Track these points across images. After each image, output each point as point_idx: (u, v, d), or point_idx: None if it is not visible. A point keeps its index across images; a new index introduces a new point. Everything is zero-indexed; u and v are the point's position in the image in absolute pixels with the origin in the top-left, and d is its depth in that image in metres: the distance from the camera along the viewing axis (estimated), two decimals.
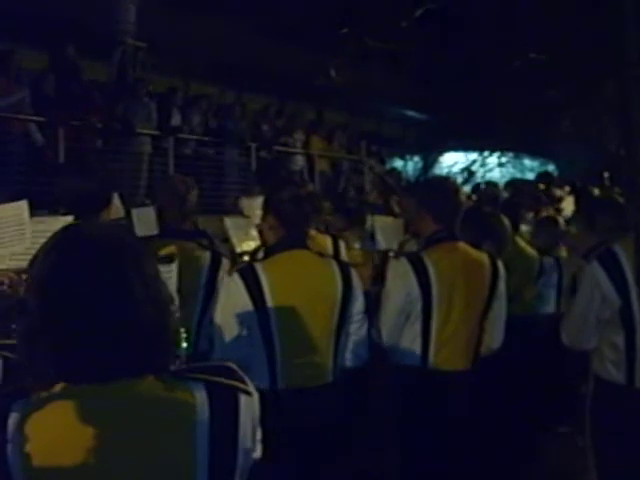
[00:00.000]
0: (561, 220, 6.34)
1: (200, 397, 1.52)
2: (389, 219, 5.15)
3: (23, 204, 3.20)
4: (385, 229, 4.98)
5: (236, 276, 3.32)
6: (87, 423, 1.45)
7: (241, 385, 1.59)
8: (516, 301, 4.52)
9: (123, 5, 10.79)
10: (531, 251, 5.47)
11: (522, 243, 5.48)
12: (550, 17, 10.97)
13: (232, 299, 3.30)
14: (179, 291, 2.88)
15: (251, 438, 1.60)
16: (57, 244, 1.53)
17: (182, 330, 2.64)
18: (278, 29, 12.01)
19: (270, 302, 3.26)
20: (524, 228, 5.77)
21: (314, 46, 12.42)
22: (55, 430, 1.44)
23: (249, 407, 1.59)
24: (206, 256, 3.90)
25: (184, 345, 2.59)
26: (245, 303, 3.26)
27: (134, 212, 4.01)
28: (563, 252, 5.91)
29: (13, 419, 1.43)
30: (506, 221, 4.74)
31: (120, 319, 1.48)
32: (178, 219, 4.03)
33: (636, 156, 2.71)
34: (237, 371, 1.62)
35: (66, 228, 1.61)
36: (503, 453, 4.49)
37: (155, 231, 3.92)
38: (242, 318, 3.27)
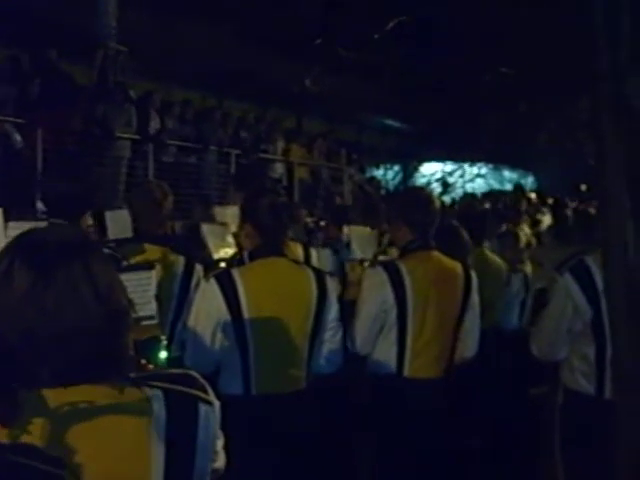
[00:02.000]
0: (522, 235, 6.40)
1: (157, 405, 1.50)
2: (365, 229, 5.18)
3: None
4: (361, 239, 5.01)
5: (212, 281, 3.35)
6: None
7: (201, 394, 1.57)
8: (488, 312, 4.55)
9: (104, 9, 10.76)
10: (499, 262, 5.50)
11: (490, 254, 5.51)
12: (520, 31, 11.11)
13: (208, 304, 3.34)
14: (157, 297, 2.90)
15: (211, 448, 1.59)
16: (9, 249, 1.51)
17: (162, 337, 2.65)
18: (258, 36, 12.03)
19: (245, 308, 3.29)
20: (486, 244, 5.79)
21: (292, 55, 12.47)
22: None
23: (209, 417, 1.57)
24: (180, 261, 3.92)
25: (163, 355, 2.60)
26: (221, 308, 3.29)
27: (107, 215, 4.00)
28: (527, 267, 5.94)
29: None
30: (465, 235, 4.78)
31: (67, 325, 1.45)
32: (153, 224, 4.04)
33: (606, 171, 2.74)
34: (198, 379, 1.60)
35: (24, 232, 1.58)
36: (474, 461, 4.53)
37: (129, 234, 3.92)
38: (217, 323, 3.30)
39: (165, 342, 2.65)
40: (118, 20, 10.72)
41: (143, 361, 2.40)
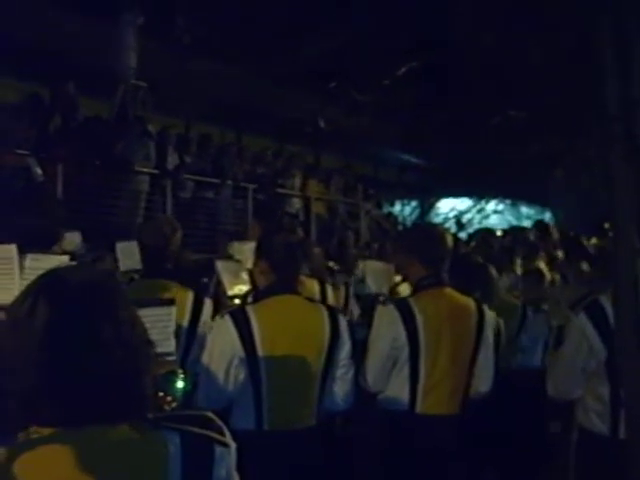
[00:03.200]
0: (547, 273, 6.32)
1: (174, 447, 1.51)
2: (379, 263, 5.21)
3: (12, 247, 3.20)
4: (375, 273, 5.03)
5: (227, 318, 3.39)
6: (62, 467, 1.44)
7: (217, 436, 1.58)
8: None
9: (125, 44, 10.93)
10: (515, 301, 5.44)
11: (503, 293, 5.46)
12: (533, 74, 11.19)
13: (222, 340, 3.36)
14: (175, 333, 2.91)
15: None
16: (32, 288, 1.54)
17: (179, 371, 2.65)
18: (275, 73, 12.18)
19: (259, 345, 3.32)
20: (505, 279, 5.74)
21: (307, 93, 12.60)
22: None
23: (224, 458, 1.58)
24: (189, 296, 3.91)
25: (180, 385, 2.61)
26: (235, 345, 3.32)
27: (118, 246, 4.05)
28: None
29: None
30: (494, 272, 4.77)
31: (87, 366, 1.48)
32: (162, 259, 4.06)
33: (616, 209, 2.75)
34: (215, 421, 1.61)
35: (47, 272, 1.61)
36: None
37: (138, 266, 3.96)
38: (231, 359, 3.32)
39: (182, 375, 2.66)
40: (138, 56, 10.89)
41: (160, 394, 2.41)
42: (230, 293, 4.78)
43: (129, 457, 1.49)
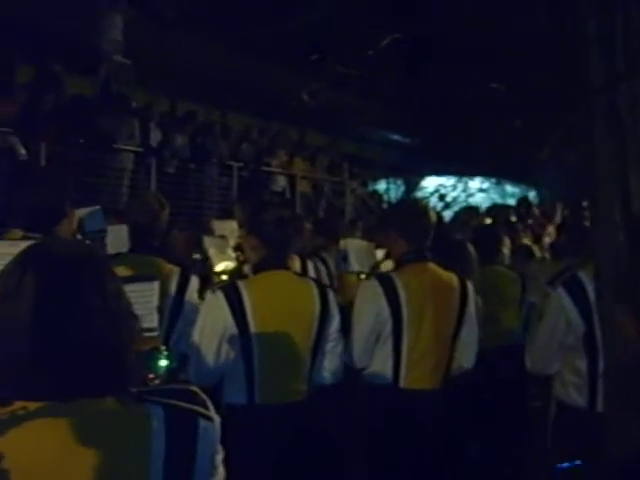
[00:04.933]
0: (537, 251, 6.34)
1: (157, 421, 1.52)
2: (362, 241, 5.22)
3: None
4: (358, 251, 5.05)
5: (219, 293, 3.40)
6: (51, 442, 1.46)
7: (202, 410, 1.59)
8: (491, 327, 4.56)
9: (110, 22, 10.84)
10: (515, 276, 5.47)
11: (504, 270, 5.49)
12: (514, 46, 11.17)
13: (214, 315, 3.38)
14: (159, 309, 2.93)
15: (209, 463, 1.60)
16: (20, 260, 1.55)
17: (162, 348, 2.67)
18: (258, 49, 12.11)
19: (251, 320, 3.34)
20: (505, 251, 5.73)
21: (290, 69, 12.54)
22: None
23: (208, 432, 1.58)
24: (175, 272, 3.90)
25: (163, 363, 2.62)
26: (227, 320, 3.33)
27: (109, 229, 4.06)
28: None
29: None
30: (472, 250, 4.79)
31: (75, 337, 1.49)
32: (149, 236, 4.07)
33: (598, 183, 2.77)
34: (199, 395, 1.62)
35: (33, 245, 1.62)
36: (468, 472, 4.54)
37: (125, 248, 3.97)
38: (222, 335, 3.34)
39: (166, 352, 2.67)
40: (122, 33, 10.81)
41: (144, 372, 2.42)
42: (217, 269, 4.81)
43: (113, 430, 1.50)
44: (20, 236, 3.10)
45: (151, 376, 2.52)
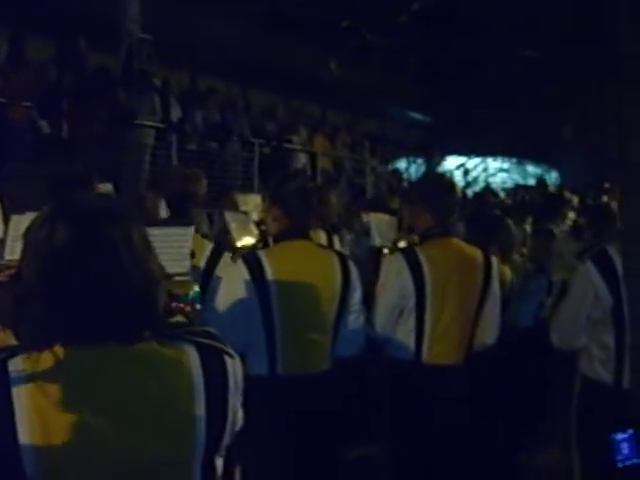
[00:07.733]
0: (557, 232, 6.24)
1: (194, 357, 1.58)
2: (385, 216, 5.19)
3: None
4: (380, 226, 5.02)
5: (240, 262, 3.39)
6: (92, 384, 1.51)
7: (225, 347, 1.65)
8: None
9: None
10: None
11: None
12: (543, 18, 11.03)
13: (235, 284, 3.35)
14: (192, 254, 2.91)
15: (239, 399, 1.66)
16: (50, 213, 1.57)
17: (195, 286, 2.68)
18: (283, 25, 12.03)
19: (272, 289, 3.31)
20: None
21: (317, 41, 12.43)
22: (63, 390, 1.48)
23: (233, 368, 1.64)
24: (207, 246, 3.85)
25: (196, 288, 2.63)
26: (248, 289, 3.31)
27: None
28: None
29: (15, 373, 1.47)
30: (513, 226, 4.73)
31: (102, 285, 1.52)
32: (186, 209, 4.04)
33: (628, 162, 2.73)
34: (217, 335, 1.67)
35: (65, 198, 1.64)
36: (490, 449, 4.53)
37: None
38: (244, 303, 3.31)
39: (197, 289, 2.68)
40: (143, 9, 10.78)
41: (174, 304, 2.42)
42: (239, 245, 4.80)
43: (159, 368, 1.56)
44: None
45: (181, 305, 2.51)
